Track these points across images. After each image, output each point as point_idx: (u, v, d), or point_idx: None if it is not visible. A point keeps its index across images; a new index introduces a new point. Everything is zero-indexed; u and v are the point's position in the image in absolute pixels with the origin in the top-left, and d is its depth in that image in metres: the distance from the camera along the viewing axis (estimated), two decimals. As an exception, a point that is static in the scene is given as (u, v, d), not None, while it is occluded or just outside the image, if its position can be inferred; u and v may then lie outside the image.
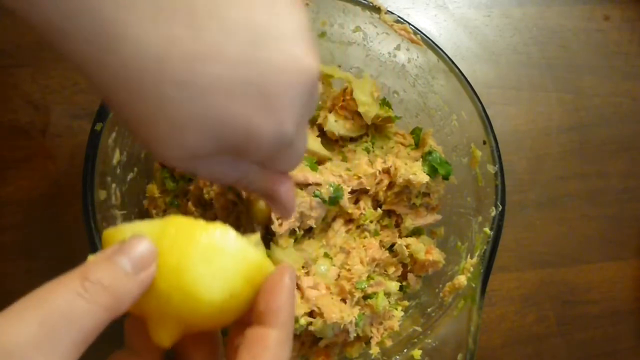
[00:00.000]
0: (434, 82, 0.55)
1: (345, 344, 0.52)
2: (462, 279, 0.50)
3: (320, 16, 0.55)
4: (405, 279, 0.55)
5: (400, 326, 0.53)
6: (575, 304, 0.66)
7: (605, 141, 0.73)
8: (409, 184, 0.53)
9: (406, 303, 0.55)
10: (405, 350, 0.50)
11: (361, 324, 0.50)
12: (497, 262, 0.49)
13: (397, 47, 0.56)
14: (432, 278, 0.55)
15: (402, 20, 0.54)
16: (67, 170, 0.61)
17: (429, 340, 0.49)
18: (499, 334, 0.64)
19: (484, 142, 0.52)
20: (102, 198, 0.47)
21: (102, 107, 0.47)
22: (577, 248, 0.68)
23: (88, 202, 0.45)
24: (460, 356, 0.46)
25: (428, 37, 0.54)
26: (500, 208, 0.50)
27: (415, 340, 0.50)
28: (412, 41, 0.54)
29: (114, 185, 0.49)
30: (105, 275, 0.25)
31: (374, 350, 0.52)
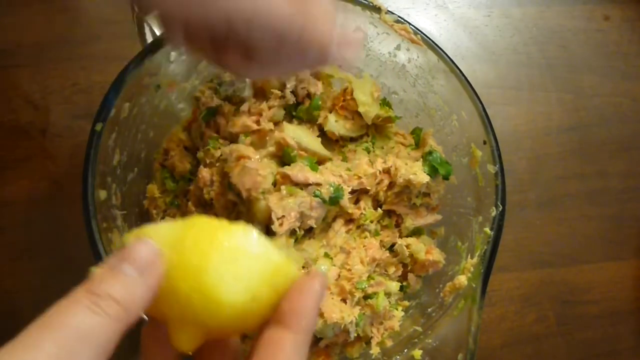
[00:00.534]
0: (434, 82, 0.55)
1: (346, 344, 0.52)
2: (462, 279, 0.50)
3: (321, 16, 0.55)
4: (405, 279, 0.55)
5: (401, 326, 0.53)
6: (575, 304, 0.66)
7: (605, 141, 0.73)
8: (409, 184, 0.53)
9: (406, 303, 0.55)
10: (405, 350, 0.50)
11: (361, 324, 0.50)
12: (497, 262, 0.49)
13: (397, 47, 0.56)
14: (432, 278, 0.55)
15: (402, 20, 0.54)
16: (67, 170, 0.61)
17: (430, 340, 0.49)
18: (499, 334, 0.64)
19: (484, 142, 0.52)
20: (103, 198, 0.47)
21: (102, 107, 0.47)
22: (577, 248, 0.68)
23: (88, 202, 0.45)
24: (460, 356, 0.45)
25: (428, 37, 0.54)
26: (500, 208, 0.50)
27: (416, 340, 0.50)
28: (412, 41, 0.54)
29: (114, 186, 0.49)
30: (112, 286, 0.25)
31: (375, 351, 0.52)
